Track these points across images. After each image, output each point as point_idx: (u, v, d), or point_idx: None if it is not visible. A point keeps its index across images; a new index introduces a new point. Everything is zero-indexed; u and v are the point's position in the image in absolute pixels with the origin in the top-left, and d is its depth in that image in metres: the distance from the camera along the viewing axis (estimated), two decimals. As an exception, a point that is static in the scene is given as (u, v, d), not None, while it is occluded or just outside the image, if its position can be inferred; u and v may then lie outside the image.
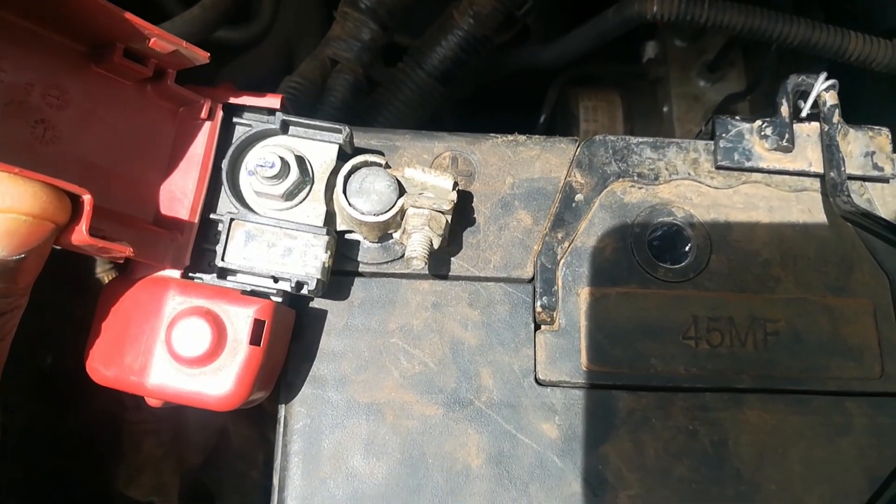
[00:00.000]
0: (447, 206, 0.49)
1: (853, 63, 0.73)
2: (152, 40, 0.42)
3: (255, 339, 0.45)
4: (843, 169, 0.55)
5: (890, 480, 0.46)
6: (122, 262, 0.44)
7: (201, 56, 0.44)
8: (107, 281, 0.86)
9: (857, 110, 0.70)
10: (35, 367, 0.91)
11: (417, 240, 0.49)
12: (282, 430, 0.51)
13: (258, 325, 0.45)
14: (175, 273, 0.47)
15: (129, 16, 0.41)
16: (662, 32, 1.00)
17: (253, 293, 0.48)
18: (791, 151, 0.57)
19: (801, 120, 0.58)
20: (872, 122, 0.60)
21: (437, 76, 0.81)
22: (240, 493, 0.93)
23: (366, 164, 0.50)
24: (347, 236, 0.53)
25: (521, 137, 0.57)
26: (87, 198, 0.38)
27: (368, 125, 0.81)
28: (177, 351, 0.44)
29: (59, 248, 0.40)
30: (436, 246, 0.50)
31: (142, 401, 0.90)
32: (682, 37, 0.99)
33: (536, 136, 0.57)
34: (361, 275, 0.54)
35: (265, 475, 0.99)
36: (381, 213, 0.49)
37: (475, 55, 0.81)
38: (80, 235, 0.38)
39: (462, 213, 0.55)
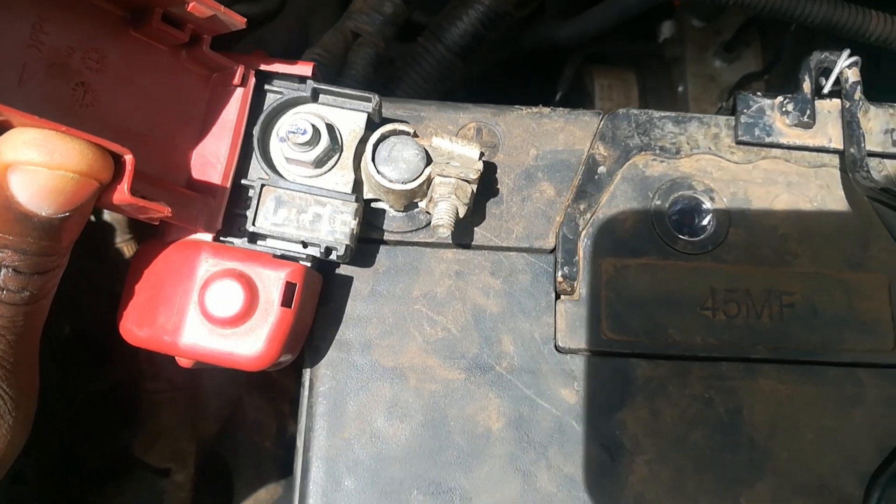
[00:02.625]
0: (473, 176, 0.50)
1: (873, 43, 0.73)
2: (191, 4, 0.42)
3: (286, 301, 0.46)
4: (862, 145, 0.56)
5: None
6: (157, 223, 0.45)
7: (238, 21, 0.45)
8: (126, 251, 0.87)
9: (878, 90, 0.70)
10: (54, 334, 0.93)
11: (444, 208, 0.50)
12: (307, 392, 0.53)
13: (290, 287, 0.46)
14: (207, 237, 0.48)
15: (168, -21, 0.41)
16: (680, 12, 1.00)
17: (283, 257, 0.49)
18: (812, 127, 0.58)
19: (823, 97, 0.59)
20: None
21: (457, 51, 0.82)
22: (254, 462, 0.95)
23: (394, 132, 0.51)
24: (373, 205, 0.54)
25: (546, 110, 0.58)
26: (128, 157, 0.39)
27: (387, 99, 0.82)
28: (210, 312, 0.45)
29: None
30: (461, 214, 0.51)
31: (159, 369, 0.92)
32: (699, 16, 0.99)
33: (560, 109, 0.58)
34: (386, 243, 0.55)
35: (279, 445, 1.01)
36: (409, 182, 0.50)
37: (495, 30, 0.82)
38: (122, 195, 0.39)
39: (486, 183, 0.55)
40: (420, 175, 0.50)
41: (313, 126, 0.48)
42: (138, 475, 0.91)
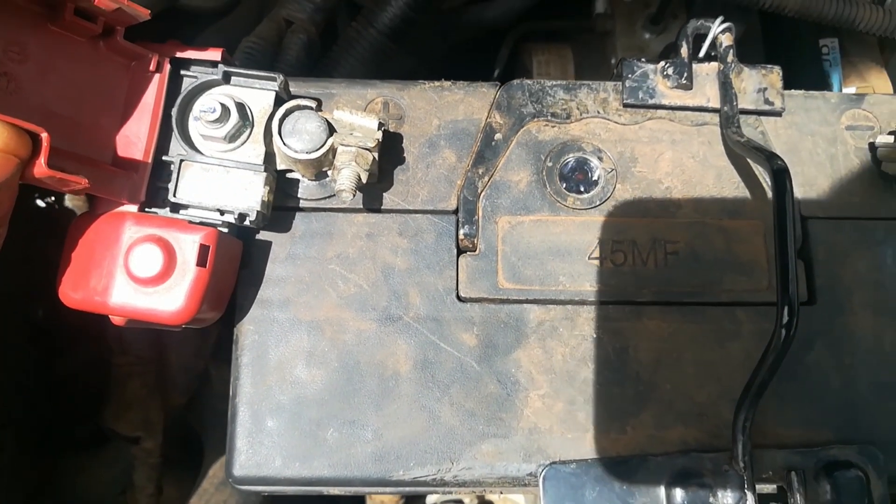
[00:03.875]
0: (372, 144, 0.56)
1: (768, 10, 0.78)
2: (97, -1, 0.48)
3: (201, 262, 0.52)
4: (735, 103, 0.61)
5: (758, 368, 0.52)
6: (82, 195, 0.51)
7: (143, 13, 0.50)
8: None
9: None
10: (28, 318, 0.99)
11: (346, 174, 0.55)
12: (234, 348, 0.58)
13: (203, 249, 0.52)
14: (132, 208, 0.54)
15: (75, -22, 0.47)
16: (610, -12, 1.05)
17: (202, 224, 0.54)
18: (691, 89, 0.63)
19: (701, 60, 0.64)
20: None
21: (388, 33, 0.87)
22: (221, 429, 1.01)
23: (298, 107, 0.56)
24: (288, 175, 0.60)
25: (447, 83, 0.63)
26: (44, 135, 0.44)
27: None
28: (134, 273, 0.51)
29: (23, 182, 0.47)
30: (364, 180, 0.56)
31: (127, 346, 0.98)
32: (627, -9, 1.03)
33: (461, 82, 0.64)
34: (302, 210, 0.60)
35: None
36: (313, 151, 0.56)
37: (423, 13, 0.87)
38: (41, 168, 0.45)
39: (392, 152, 0.61)
40: (323, 145, 0.56)
41: (222, 105, 0.54)
42: (113, 445, 0.97)
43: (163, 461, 0.94)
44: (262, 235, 0.59)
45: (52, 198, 0.96)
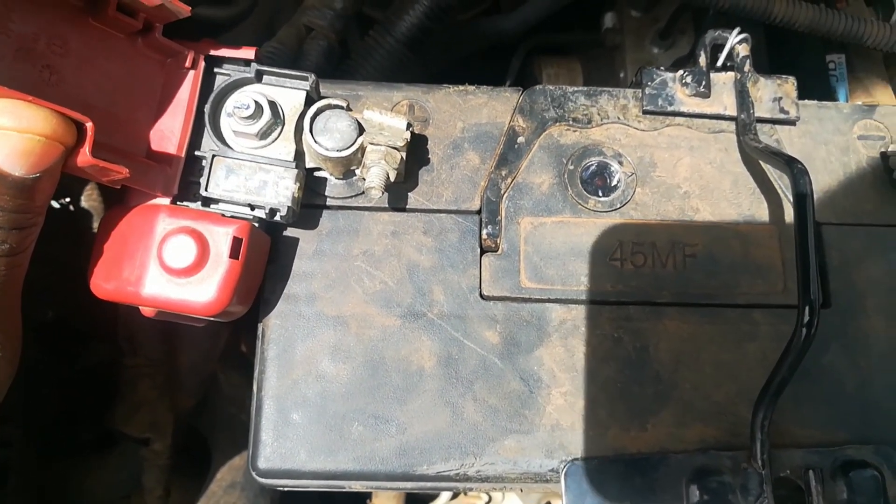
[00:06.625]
0: (401, 143, 0.57)
1: (778, 24, 0.80)
2: (141, -5, 0.49)
3: (234, 254, 0.53)
4: (752, 111, 0.63)
5: (778, 367, 0.53)
6: (118, 187, 0.51)
7: (184, 10, 0.51)
8: (104, 234, 0.93)
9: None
10: (37, 318, 0.99)
11: (375, 172, 0.56)
12: (259, 343, 0.59)
13: (237, 241, 0.53)
14: (165, 201, 0.55)
15: (120, -27, 0.48)
16: (620, 3, 1.07)
17: (233, 218, 0.55)
18: (708, 97, 0.65)
19: (718, 70, 0.66)
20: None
21: (405, 42, 0.88)
22: (229, 432, 1.01)
23: (329, 106, 0.57)
24: (316, 174, 0.61)
25: (471, 87, 0.65)
26: (89, 125, 0.45)
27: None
28: (167, 264, 0.52)
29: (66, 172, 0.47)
30: (392, 179, 0.57)
31: (137, 347, 0.98)
32: (637, 7, 1.06)
33: (484, 87, 0.65)
34: (329, 208, 0.61)
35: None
36: (343, 150, 0.57)
37: (439, 23, 0.89)
38: (85, 157, 0.45)
39: (418, 153, 0.62)
40: (353, 144, 0.57)
41: (255, 102, 0.55)
42: (121, 448, 0.97)
43: (171, 464, 0.93)
44: (290, 232, 0.60)
45: (67, 199, 0.96)
